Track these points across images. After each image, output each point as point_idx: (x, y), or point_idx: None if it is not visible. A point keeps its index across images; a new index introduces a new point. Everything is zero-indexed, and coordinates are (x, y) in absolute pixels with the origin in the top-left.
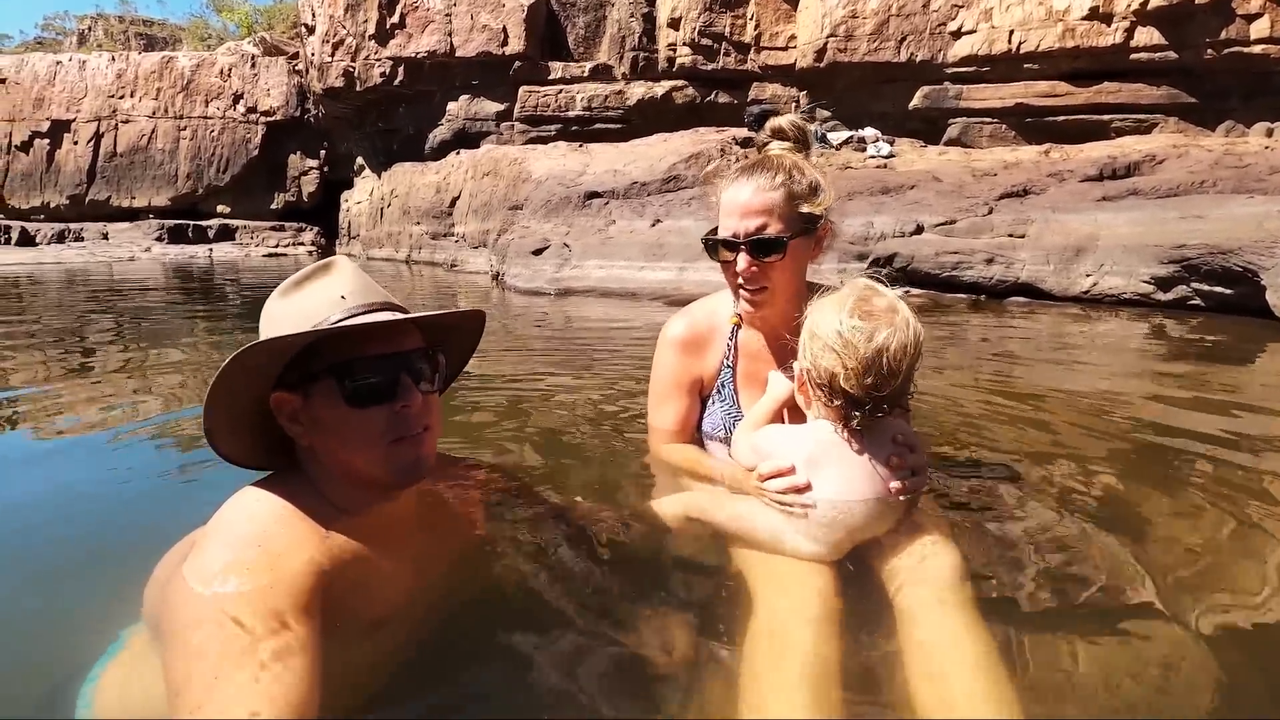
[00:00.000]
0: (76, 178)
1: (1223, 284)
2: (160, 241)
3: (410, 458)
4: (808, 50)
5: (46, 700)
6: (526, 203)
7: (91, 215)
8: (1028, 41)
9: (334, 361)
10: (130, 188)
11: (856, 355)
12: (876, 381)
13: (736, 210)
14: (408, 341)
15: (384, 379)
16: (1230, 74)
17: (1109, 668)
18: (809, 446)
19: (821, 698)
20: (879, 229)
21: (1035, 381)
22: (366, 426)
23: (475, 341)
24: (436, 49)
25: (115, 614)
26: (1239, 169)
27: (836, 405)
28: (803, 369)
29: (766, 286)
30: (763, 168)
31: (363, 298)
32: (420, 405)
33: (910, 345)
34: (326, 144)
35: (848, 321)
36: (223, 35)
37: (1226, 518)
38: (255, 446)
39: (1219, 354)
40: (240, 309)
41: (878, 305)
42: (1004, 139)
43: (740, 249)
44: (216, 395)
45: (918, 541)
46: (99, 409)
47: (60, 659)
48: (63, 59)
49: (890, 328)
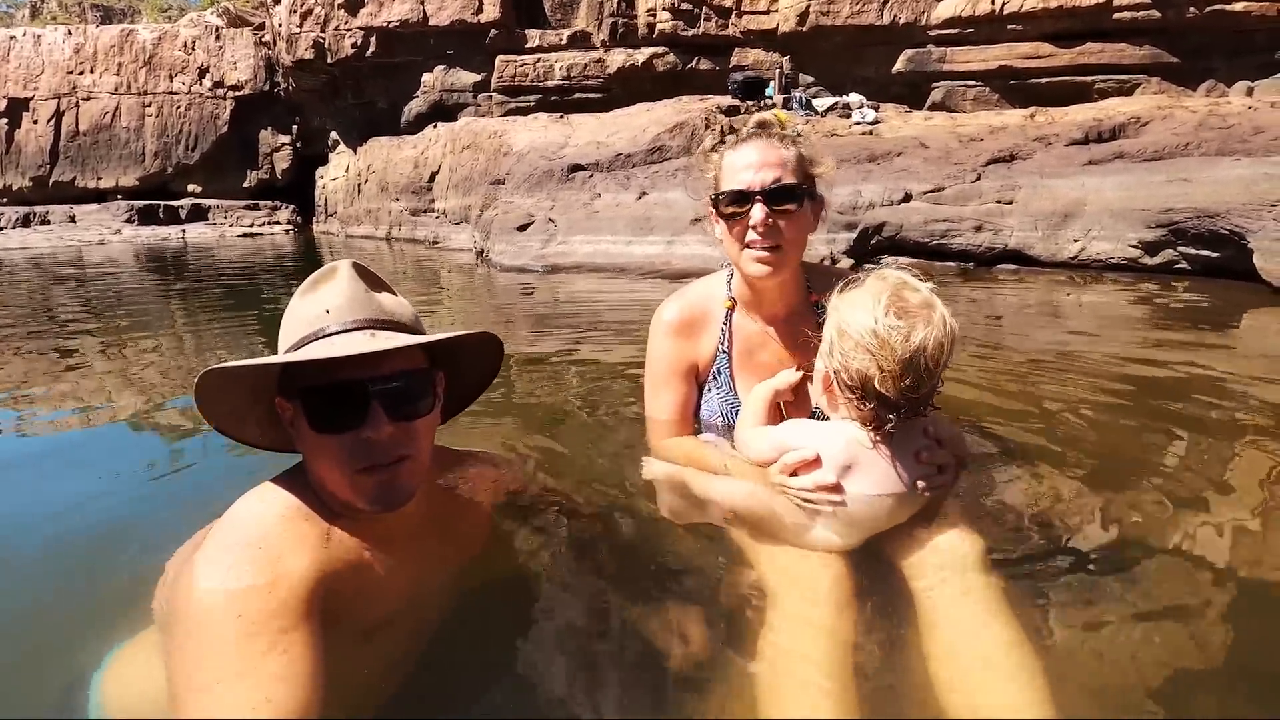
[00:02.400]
0: (39, 158)
1: (1210, 247)
2: (130, 223)
3: (379, 488)
4: (790, 14)
5: (54, 692)
6: (508, 177)
7: (57, 197)
8: (1011, 2)
9: (303, 385)
10: (96, 168)
11: (894, 356)
12: (914, 382)
13: (751, 166)
14: (386, 366)
15: (348, 406)
16: (1212, 33)
17: (1133, 654)
18: (839, 448)
19: (843, 686)
20: (867, 198)
21: (1029, 348)
22: (331, 452)
23: (494, 364)
24: (409, 17)
25: (124, 608)
26: (1223, 130)
27: (869, 409)
28: (831, 370)
29: (780, 245)
30: (769, 134)
31: (349, 314)
32: (391, 435)
33: (947, 343)
34: (299, 119)
35: (884, 320)
36: (183, 6)
37: (1246, 489)
38: (265, 433)
39: (1207, 317)
40: (219, 292)
41: (913, 301)
42: (987, 102)
43: (756, 199)
44: (206, 409)
45: (936, 528)
46: (77, 406)
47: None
48: (16, 33)
49: (928, 325)
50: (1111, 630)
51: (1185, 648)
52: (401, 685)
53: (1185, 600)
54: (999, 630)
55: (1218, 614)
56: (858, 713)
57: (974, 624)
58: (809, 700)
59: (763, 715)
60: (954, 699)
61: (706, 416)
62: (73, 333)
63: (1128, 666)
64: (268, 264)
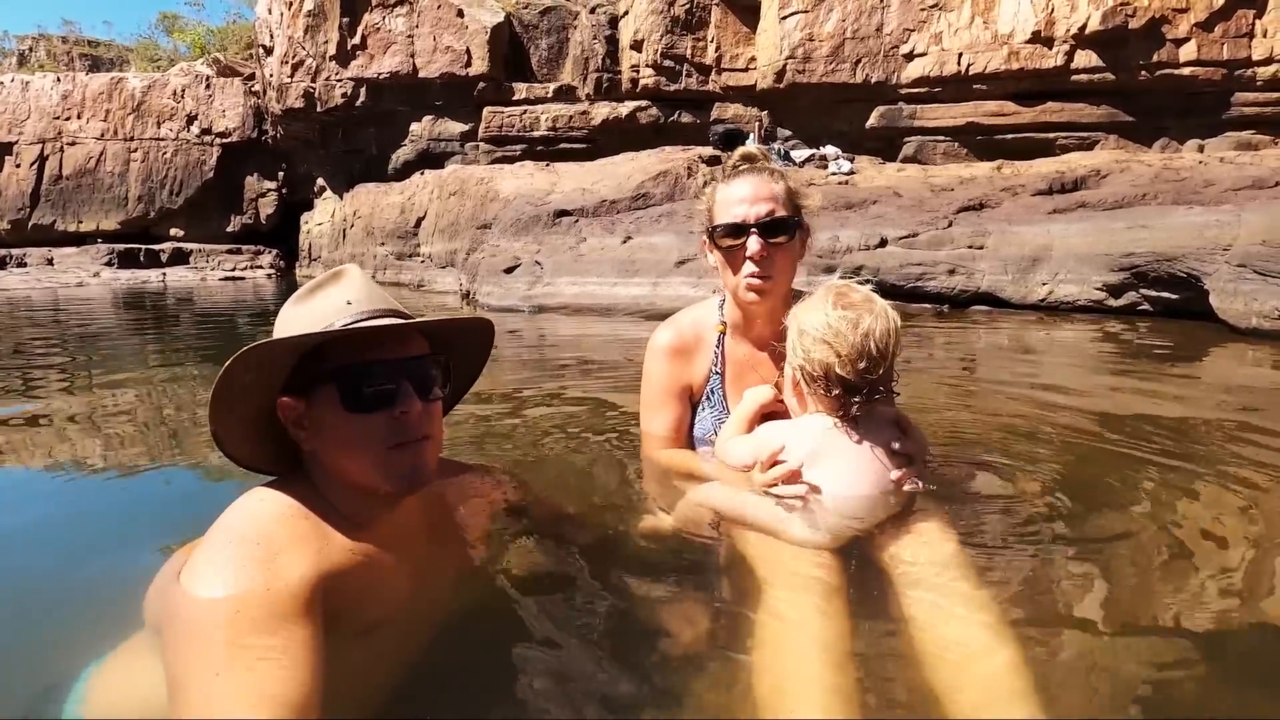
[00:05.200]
0: (19, 201)
1: (1170, 289)
2: (110, 266)
3: (408, 465)
4: (767, 72)
5: (37, 699)
6: (495, 221)
7: (35, 240)
8: (975, 64)
9: (336, 366)
10: (77, 211)
11: (847, 342)
12: (869, 365)
13: (745, 200)
14: (411, 348)
15: (385, 385)
16: (1163, 94)
17: (1115, 652)
18: (810, 438)
19: (836, 675)
20: (845, 242)
21: (1000, 382)
22: (366, 432)
23: (483, 357)
24: (399, 70)
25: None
26: (1177, 182)
27: (834, 395)
28: (795, 368)
29: (772, 275)
30: (759, 169)
31: (369, 304)
32: (420, 412)
33: (892, 329)
34: (285, 165)
35: (834, 313)
36: (173, 57)
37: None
38: (262, 450)
39: (1168, 355)
40: (198, 335)
41: (855, 297)
42: (957, 156)
43: (751, 231)
44: (220, 396)
45: (916, 526)
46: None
47: (50, 660)
48: (4, 80)
49: (872, 314)
50: (1093, 629)
51: (1169, 645)
52: (401, 686)
53: (1167, 598)
54: (984, 627)
55: (1200, 613)
56: (854, 703)
57: (959, 620)
58: (804, 683)
59: (760, 711)
60: (940, 691)
61: (700, 434)
62: (48, 365)
63: (1111, 665)
64: (247, 306)
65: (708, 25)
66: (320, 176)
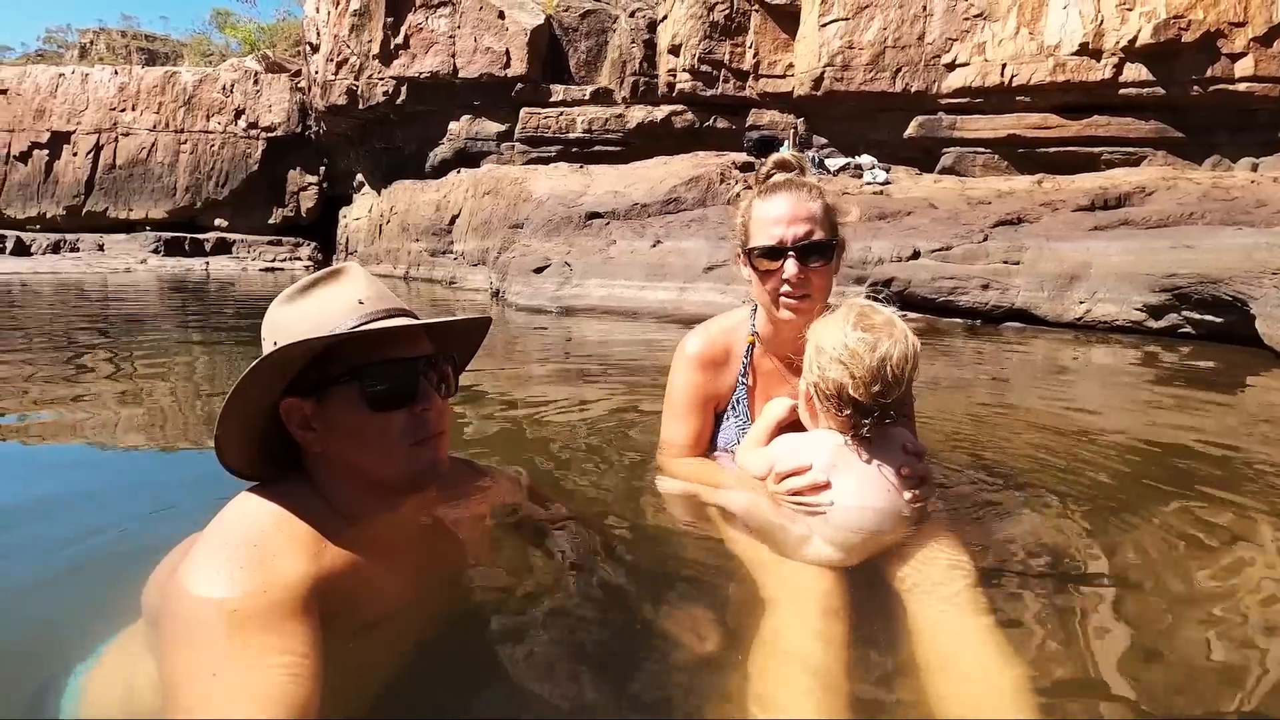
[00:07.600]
0: (75, 189)
1: (1213, 312)
2: (156, 254)
3: (428, 460)
4: (805, 79)
5: (32, 696)
6: (527, 222)
7: (88, 226)
8: (1019, 75)
9: (357, 365)
10: (128, 200)
11: (863, 365)
12: (882, 389)
13: (782, 219)
14: (422, 346)
15: (405, 383)
16: (1216, 110)
17: (1122, 667)
18: (825, 451)
19: (832, 692)
20: (877, 253)
21: (1029, 403)
22: (387, 430)
23: (474, 351)
24: (439, 70)
25: (104, 615)
26: (1226, 202)
27: (846, 415)
28: (810, 383)
29: (809, 294)
30: (796, 184)
31: (380, 303)
32: (439, 408)
33: (910, 354)
34: (326, 160)
35: (852, 334)
36: (225, 52)
37: (1223, 524)
38: (260, 456)
39: (1209, 380)
40: (236, 321)
41: (877, 320)
42: (997, 168)
43: (789, 255)
44: (235, 402)
45: (928, 549)
46: (86, 417)
47: (46, 657)
48: (65, 71)
49: (891, 339)
50: (1099, 646)
51: (1186, 681)
52: (399, 685)
53: (1175, 622)
54: (990, 643)
55: (1208, 637)
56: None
57: (966, 636)
58: (798, 698)
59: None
60: (945, 705)
61: (723, 443)
62: (84, 347)
63: (1112, 679)
64: None
65: (746, 31)
66: (359, 172)
